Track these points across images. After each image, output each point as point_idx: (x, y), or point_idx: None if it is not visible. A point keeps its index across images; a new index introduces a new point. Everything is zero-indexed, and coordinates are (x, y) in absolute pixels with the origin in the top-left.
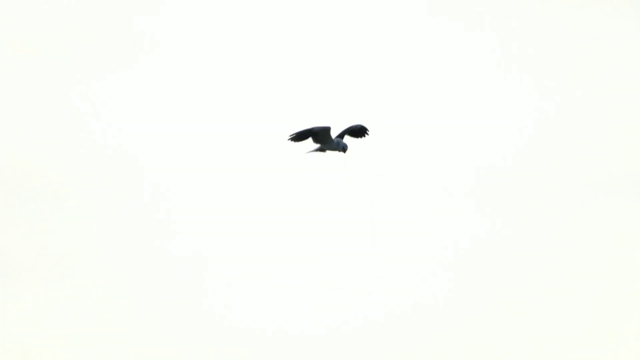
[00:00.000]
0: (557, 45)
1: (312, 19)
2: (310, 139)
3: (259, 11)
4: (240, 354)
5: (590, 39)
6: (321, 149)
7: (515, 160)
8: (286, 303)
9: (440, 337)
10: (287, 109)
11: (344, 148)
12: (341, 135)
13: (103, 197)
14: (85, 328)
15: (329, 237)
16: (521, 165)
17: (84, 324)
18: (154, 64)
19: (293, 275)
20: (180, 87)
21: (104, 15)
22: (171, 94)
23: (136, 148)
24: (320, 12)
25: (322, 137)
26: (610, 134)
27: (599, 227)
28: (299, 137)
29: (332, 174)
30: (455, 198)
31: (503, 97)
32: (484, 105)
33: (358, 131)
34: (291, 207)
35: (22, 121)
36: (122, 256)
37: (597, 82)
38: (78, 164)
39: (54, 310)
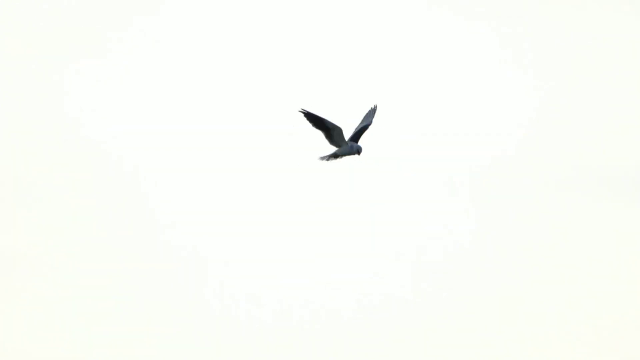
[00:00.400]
0: (558, 45)
1: (312, 19)
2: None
3: (260, 9)
4: (238, 353)
5: (592, 37)
6: (334, 155)
7: (513, 159)
8: (285, 303)
9: (439, 335)
10: (286, 107)
11: (358, 150)
12: (355, 138)
13: (102, 197)
14: (83, 327)
15: (328, 236)
16: (519, 165)
17: (82, 323)
18: (152, 63)
19: (292, 275)
20: (179, 86)
21: (102, 15)
22: (170, 93)
23: (134, 147)
24: (320, 11)
25: (335, 137)
26: (608, 134)
27: (596, 227)
28: (312, 118)
29: (331, 174)
30: (454, 197)
31: (501, 96)
32: (482, 104)
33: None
34: (289, 207)
35: (17, 121)
36: (118, 256)
37: (597, 81)
38: (75, 164)
39: (50, 311)
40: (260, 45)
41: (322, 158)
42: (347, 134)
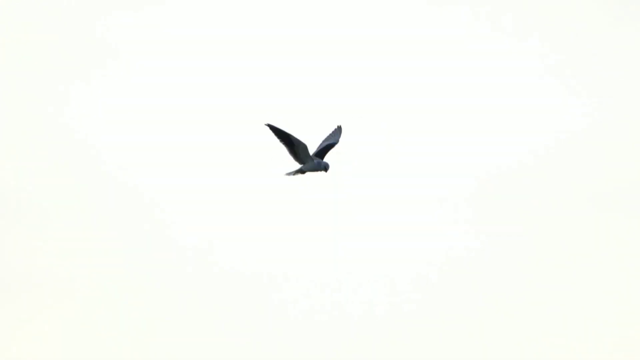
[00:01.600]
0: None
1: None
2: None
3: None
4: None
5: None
6: (301, 171)
7: (512, 169)
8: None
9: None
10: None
11: (325, 167)
12: (320, 155)
13: (79, 208)
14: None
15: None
16: (516, 175)
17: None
18: (127, 71)
19: (287, 280)
20: (161, 95)
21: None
22: (152, 102)
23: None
24: (306, 14)
25: (300, 153)
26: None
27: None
28: (277, 132)
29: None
30: (451, 208)
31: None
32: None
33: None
34: (285, 211)
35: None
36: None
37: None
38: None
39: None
40: (245, 49)
41: (289, 174)
42: (311, 150)
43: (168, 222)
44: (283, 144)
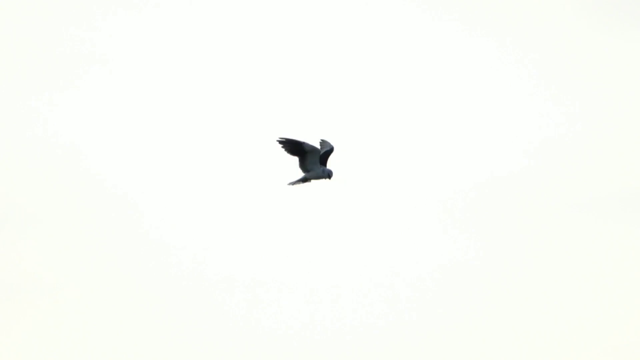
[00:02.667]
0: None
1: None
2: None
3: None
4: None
5: (601, 48)
6: (305, 179)
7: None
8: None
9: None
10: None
11: (329, 174)
12: (322, 162)
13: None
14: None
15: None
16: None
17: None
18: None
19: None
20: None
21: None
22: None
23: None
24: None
25: (310, 159)
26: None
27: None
28: (288, 144)
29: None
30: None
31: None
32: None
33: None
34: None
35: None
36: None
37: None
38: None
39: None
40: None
41: (292, 183)
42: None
43: (163, 227)
44: (294, 155)
